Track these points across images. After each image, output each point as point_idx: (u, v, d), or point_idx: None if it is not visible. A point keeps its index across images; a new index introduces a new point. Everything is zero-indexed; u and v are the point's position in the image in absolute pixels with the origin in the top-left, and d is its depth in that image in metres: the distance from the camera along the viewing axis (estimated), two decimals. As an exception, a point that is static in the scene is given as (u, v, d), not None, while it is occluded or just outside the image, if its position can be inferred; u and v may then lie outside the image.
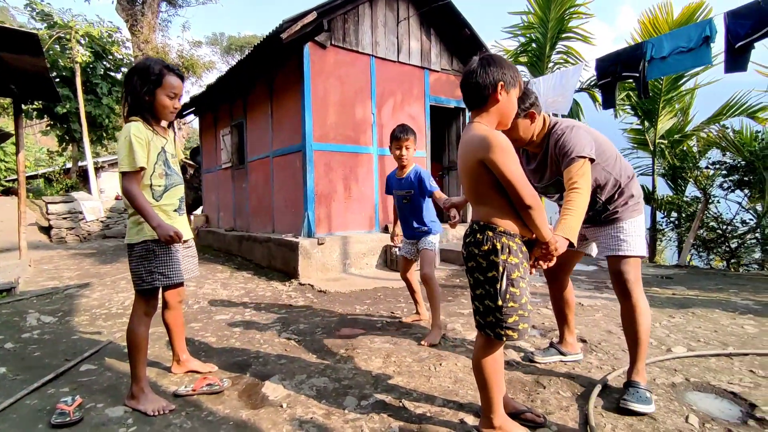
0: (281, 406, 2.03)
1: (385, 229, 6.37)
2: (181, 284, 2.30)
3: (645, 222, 2.20)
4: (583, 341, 2.83)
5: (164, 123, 2.21)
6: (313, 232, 5.62)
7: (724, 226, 7.22)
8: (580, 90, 7.89)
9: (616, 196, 2.11)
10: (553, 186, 2.20)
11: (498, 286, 1.56)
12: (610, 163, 2.09)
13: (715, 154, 7.25)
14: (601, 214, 2.15)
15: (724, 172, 6.90)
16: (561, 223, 1.76)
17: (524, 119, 2.05)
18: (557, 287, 2.50)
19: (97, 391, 2.22)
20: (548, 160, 2.12)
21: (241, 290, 4.77)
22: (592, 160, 1.93)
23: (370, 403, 2.04)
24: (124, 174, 1.97)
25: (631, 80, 5.35)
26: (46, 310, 3.95)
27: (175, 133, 2.30)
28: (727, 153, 6.80)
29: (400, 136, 3.01)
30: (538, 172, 2.23)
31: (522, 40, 8.64)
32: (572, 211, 1.78)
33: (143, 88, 2.01)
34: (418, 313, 3.44)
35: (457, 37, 7.04)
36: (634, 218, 2.12)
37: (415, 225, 3.19)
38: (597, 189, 2.09)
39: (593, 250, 2.36)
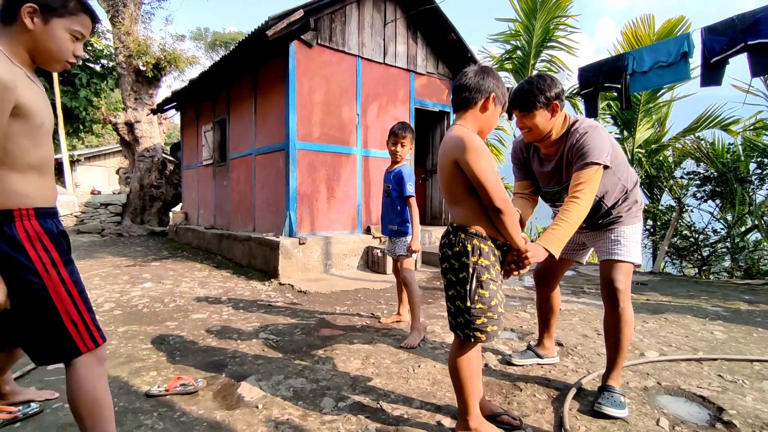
0: (257, 407, 1.99)
1: (368, 231, 6.36)
2: None
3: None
4: (560, 345, 2.87)
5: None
6: (294, 232, 5.57)
7: (697, 235, 7.45)
8: (563, 98, 8.02)
9: (621, 201, 2.08)
10: (566, 191, 2.04)
11: (468, 288, 1.57)
12: (621, 168, 2.05)
13: (689, 165, 7.49)
14: (605, 217, 2.10)
15: (697, 182, 7.12)
16: (548, 232, 1.74)
17: (545, 110, 1.91)
18: (545, 292, 2.49)
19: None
20: (564, 162, 2.03)
21: (219, 289, 4.69)
22: (606, 168, 1.88)
23: (347, 405, 2.02)
24: None
25: (613, 91, 5.48)
26: (14, 306, 3.81)
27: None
28: (701, 164, 7.02)
29: (398, 132, 3.10)
30: (555, 175, 2.11)
31: (508, 47, 8.78)
32: (565, 222, 1.75)
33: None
34: (399, 313, 3.45)
35: (443, 42, 7.09)
36: (635, 224, 2.10)
37: (391, 222, 3.25)
38: (605, 194, 2.03)
39: (583, 257, 2.39)
